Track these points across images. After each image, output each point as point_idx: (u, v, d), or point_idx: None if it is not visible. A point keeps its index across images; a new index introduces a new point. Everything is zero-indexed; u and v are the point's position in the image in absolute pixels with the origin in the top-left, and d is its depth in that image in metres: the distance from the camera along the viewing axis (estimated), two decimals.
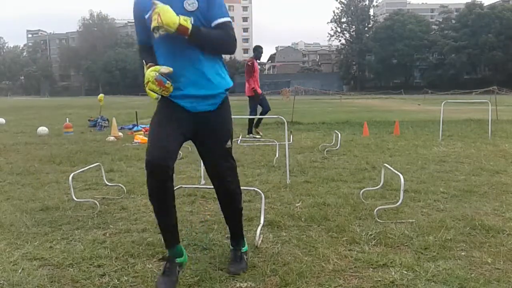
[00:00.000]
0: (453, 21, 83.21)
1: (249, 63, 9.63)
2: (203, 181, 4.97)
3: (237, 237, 2.70)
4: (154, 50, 2.37)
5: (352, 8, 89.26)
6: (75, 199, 3.87)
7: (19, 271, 2.58)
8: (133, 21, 2.47)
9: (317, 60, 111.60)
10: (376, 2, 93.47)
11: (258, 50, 9.86)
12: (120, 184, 4.60)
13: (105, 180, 4.48)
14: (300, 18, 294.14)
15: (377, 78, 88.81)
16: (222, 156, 2.47)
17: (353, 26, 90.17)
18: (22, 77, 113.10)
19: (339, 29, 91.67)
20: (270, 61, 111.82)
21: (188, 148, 7.57)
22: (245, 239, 2.76)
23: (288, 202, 4.07)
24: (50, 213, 3.76)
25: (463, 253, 2.79)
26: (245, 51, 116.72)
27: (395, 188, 4.38)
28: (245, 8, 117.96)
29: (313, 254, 2.81)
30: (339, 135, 7.58)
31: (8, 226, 3.41)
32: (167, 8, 2.11)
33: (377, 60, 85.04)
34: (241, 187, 2.65)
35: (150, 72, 2.21)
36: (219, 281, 2.42)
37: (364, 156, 6.69)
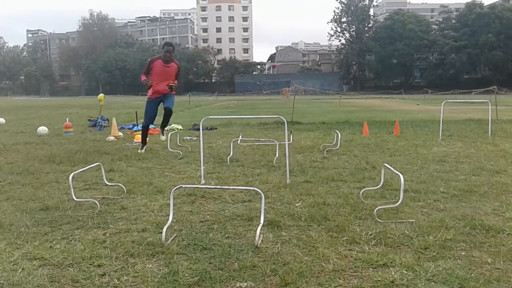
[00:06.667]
0: (453, 21, 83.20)
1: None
2: (203, 181, 4.97)
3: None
4: None
5: (352, 8, 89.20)
6: (75, 199, 3.86)
7: (19, 271, 2.58)
8: (133, 20, 2.47)
9: (317, 60, 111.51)
10: (376, 2, 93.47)
11: (163, 48, 7.39)
12: (120, 184, 4.60)
13: (105, 180, 4.48)
14: (300, 18, 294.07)
15: (377, 77, 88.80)
16: None
17: (353, 26, 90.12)
18: (22, 77, 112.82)
19: (339, 29, 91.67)
20: (270, 61, 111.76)
21: (188, 148, 7.58)
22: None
23: (288, 202, 4.07)
24: (50, 213, 3.76)
25: (463, 253, 2.79)
26: (245, 51, 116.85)
27: (395, 188, 4.38)
28: (245, 8, 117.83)
29: (313, 254, 2.81)
30: (339, 135, 7.57)
31: (8, 226, 3.41)
32: None
33: (377, 60, 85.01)
34: (241, 187, 2.65)
35: None
36: (219, 281, 2.42)
37: (364, 156, 6.69)
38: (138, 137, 8.94)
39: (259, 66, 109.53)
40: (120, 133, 9.96)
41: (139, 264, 2.66)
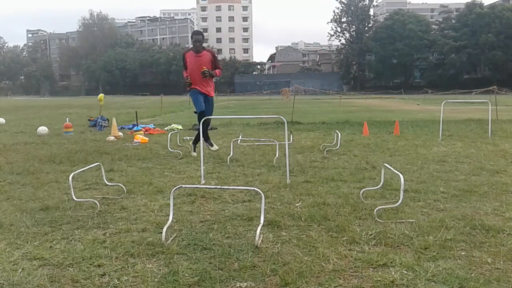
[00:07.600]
0: (453, 21, 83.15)
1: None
2: (203, 181, 4.97)
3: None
4: None
5: (352, 8, 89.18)
6: (75, 199, 3.86)
7: (19, 271, 2.58)
8: (133, 20, 2.49)
9: (317, 60, 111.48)
10: (376, 2, 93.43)
11: (192, 38, 7.09)
12: (120, 184, 4.60)
13: (105, 180, 4.48)
14: (300, 18, 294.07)
15: (377, 77, 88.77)
16: None
17: (353, 26, 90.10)
18: (22, 77, 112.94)
19: (339, 29, 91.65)
20: (270, 61, 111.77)
21: (188, 148, 7.57)
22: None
23: (288, 202, 4.07)
24: (50, 213, 3.76)
25: (463, 253, 2.79)
26: (245, 51, 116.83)
27: (395, 188, 4.38)
28: (245, 8, 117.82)
29: (313, 254, 2.81)
30: (339, 134, 7.57)
31: (8, 226, 3.41)
32: None
33: (377, 60, 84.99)
34: (241, 187, 2.66)
35: None
36: (219, 281, 2.42)
37: (364, 156, 6.69)
38: (138, 137, 8.95)
39: (259, 66, 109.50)
40: (120, 133, 9.95)
41: (139, 264, 2.66)
